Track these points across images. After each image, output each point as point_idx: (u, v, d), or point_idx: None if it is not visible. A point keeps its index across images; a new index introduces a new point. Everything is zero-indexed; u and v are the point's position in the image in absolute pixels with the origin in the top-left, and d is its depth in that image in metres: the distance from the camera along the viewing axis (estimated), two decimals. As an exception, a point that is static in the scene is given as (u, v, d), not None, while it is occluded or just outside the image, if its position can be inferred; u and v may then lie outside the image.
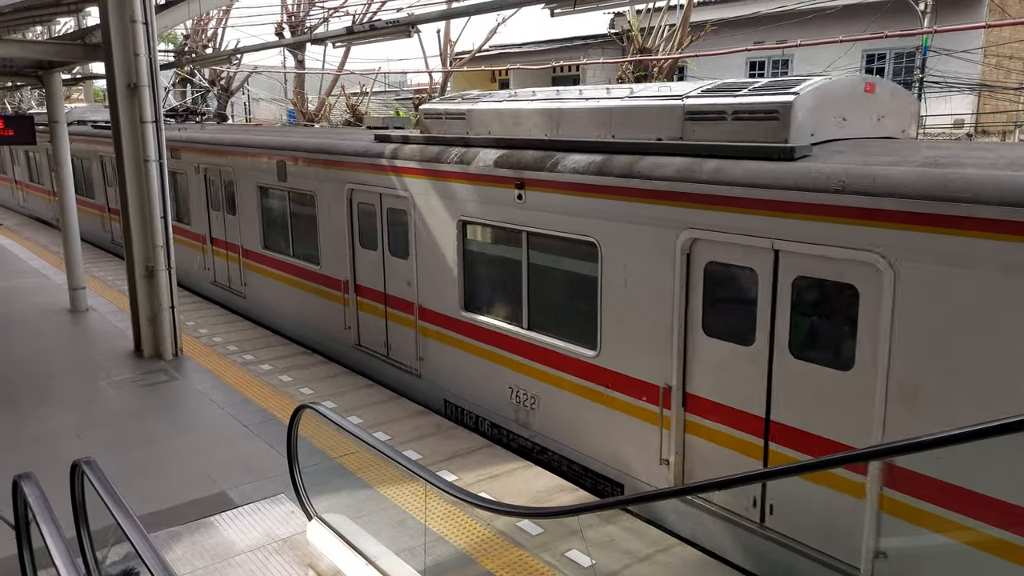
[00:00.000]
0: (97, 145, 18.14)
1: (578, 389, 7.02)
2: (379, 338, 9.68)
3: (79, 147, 18.73)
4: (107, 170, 18.54)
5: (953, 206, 4.46)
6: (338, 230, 9.95)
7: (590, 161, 6.67)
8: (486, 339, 7.99)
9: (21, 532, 4.70)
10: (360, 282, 9.79)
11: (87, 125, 20.00)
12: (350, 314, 10.03)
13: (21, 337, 11.43)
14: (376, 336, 9.74)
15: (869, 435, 4.95)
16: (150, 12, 9.54)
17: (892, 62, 21.60)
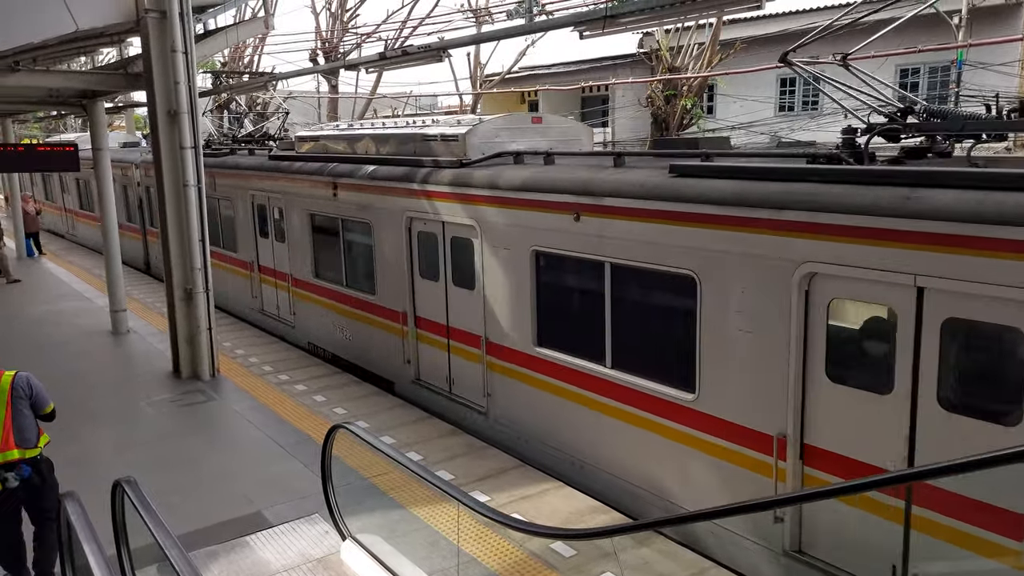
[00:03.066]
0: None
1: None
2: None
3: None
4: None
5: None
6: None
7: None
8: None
9: (64, 550, 4.81)
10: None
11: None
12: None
13: (64, 359, 11.72)
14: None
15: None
16: (190, 41, 9.83)
17: (927, 76, 21.32)
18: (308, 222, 11.56)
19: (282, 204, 12.10)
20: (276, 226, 12.54)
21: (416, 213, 9.11)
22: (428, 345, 9.41)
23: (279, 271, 12.72)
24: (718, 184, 5.90)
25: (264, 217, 12.84)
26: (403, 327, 9.67)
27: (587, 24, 7.20)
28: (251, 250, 13.41)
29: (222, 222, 14.30)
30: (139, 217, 18.82)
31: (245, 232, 13.63)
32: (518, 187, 7.68)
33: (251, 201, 13.09)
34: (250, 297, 13.93)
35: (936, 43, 17.18)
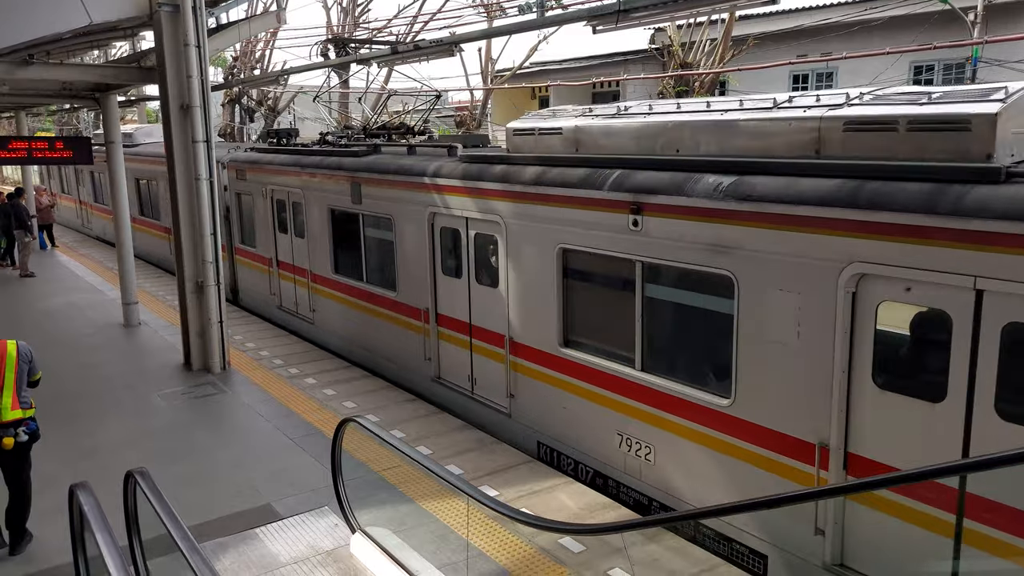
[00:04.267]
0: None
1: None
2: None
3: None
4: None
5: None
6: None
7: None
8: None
9: (76, 540, 4.84)
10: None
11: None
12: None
13: (77, 351, 11.80)
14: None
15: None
16: (202, 36, 9.86)
17: (941, 74, 21.15)
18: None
19: (528, 238, 7.78)
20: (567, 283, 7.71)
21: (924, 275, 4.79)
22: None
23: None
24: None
25: (518, 255, 7.99)
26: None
27: (600, 18, 7.18)
28: (502, 322, 8.24)
29: (404, 261, 9.78)
30: (224, 231, 14.73)
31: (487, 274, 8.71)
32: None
33: (462, 230, 8.70)
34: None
35: (951, 40, 17.03)
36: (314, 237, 11.75)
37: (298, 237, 12.25)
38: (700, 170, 6.11)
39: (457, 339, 9.03)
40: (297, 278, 12.51)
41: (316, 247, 11.73)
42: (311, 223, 11.74)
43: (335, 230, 11.26)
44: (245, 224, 14.39)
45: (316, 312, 12.10)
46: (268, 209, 13.01)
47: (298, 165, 11.88)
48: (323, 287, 11.78)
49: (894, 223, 4.78)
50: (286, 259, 12.78)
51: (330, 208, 11.13)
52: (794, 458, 5.48)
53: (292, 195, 12.17)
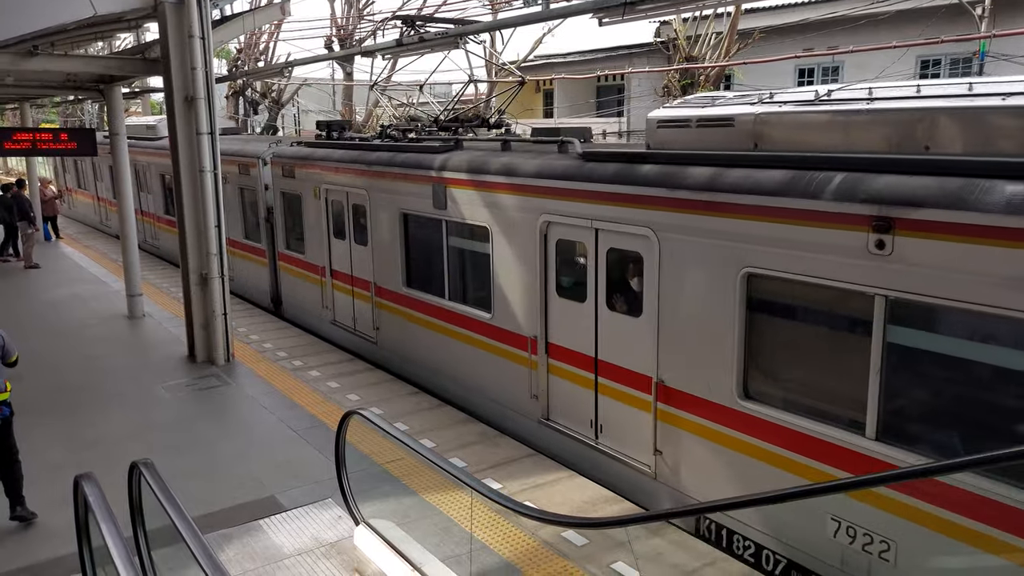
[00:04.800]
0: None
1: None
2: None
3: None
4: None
5: None
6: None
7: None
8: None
9: (81, 531, 4.85)
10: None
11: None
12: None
13: (81, 342, 11.83)
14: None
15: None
16: (207, 27, 9.84)
17: (948, 68, 21.04)
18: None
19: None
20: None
21: None
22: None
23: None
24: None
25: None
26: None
27: (606, 11, 7.14)
28: (646, 361, 6.81)
29: (502, 278, 8.28)
30: (267, 235, 13.63)
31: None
32: None
33: (589, 243, 7.19)
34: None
35: (958, 34, 16.93)
36: (380, 245, 10.23)
37: (359, 244, 10.77)
38: (988, 174, 4.50)
39: (576, 376, 7.44)
40: (357, 291, 11.02)
41: (383, 256, 10.22)
42: (377, 229, 10.24)
43: (408, 238, 9.80)
44: (291, 227, 12.85)
45: (380, 331, 10.61)
46: (322, 211, 11.50)
47: (361, 162, 10.39)
48: (391, 303, 10.26)
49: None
50: (342, 269, 11.32)
51: (402, 212, 9.66)
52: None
53: (353, 196, 10.67)
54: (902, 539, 4.94)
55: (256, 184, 13.53)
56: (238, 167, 14.00)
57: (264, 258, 13.90)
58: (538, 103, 32.01)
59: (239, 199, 14.40)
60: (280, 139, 14.60)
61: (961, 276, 4.52)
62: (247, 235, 14.48)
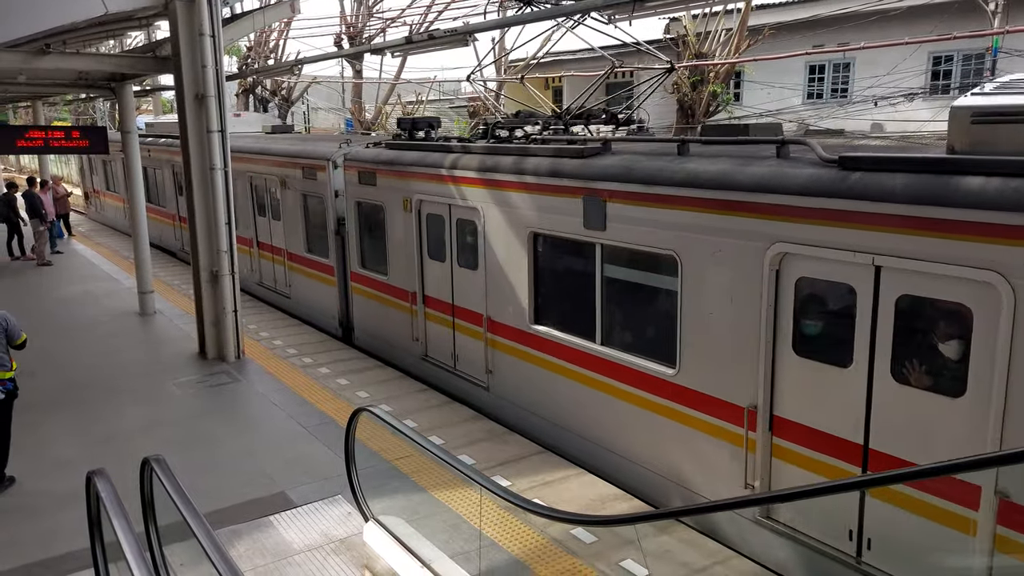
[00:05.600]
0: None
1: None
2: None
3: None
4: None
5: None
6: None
7: None
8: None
9: (93, 526, 4.89)
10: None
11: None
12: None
13: (93, 339, 11.91)
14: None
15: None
16: (217, 25, 9.88)
17: (960, 64, 20.88)
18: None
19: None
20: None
21: None
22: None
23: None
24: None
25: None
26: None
27: (616, 7, 7.12)
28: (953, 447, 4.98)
29: (696, 324, 6.40)
30: (336, 251, 11.87)
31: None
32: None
33: (864, 287, 5.26)
34: None
35: (970, 30, 16.79)
36: (497, 271, 8.44)
37: (465, 268, 8.98)
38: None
39: (824, 465, 5.48)
40: (461, 324, 9.21)
41: (500, 285, 8.43)
42: (493, 251, 8.43)
43: (539, 263, 8.01)
44: (369, 243, 11.07)
45: (495, 375, 8.76)
46: (413, 227, 9.66)
47: (471, 169, 8.57)
48: (511, 342, 8.43)
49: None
50: (440, 296, 9.51)
51: (532, 232, 7.86)
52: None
53: (458, 211, 8.90)
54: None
55: (324, 190, 11.80)
56: (302, 170, 12.31)
57: (331, 276, 12.09)
58: (548, 99, 31.94)
59: (301, 207, 12.63)
60: (350, 138, 13.06)
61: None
62: (310, 249, 12.66)
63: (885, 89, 19.49)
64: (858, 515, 5.23)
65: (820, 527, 5.47)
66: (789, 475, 5.71)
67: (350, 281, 11.59)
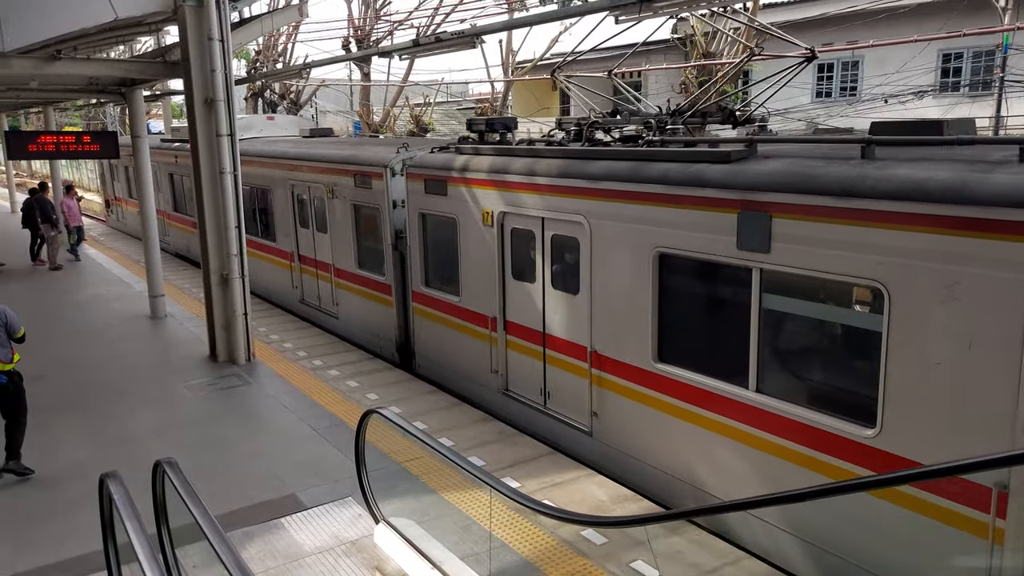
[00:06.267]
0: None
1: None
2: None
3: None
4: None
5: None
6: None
7: None
8: None
9: (106, 528, 4.92)
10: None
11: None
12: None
13: (105, 343, 11.99)
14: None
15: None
16: (226, 30, 9.93)
17: (970, 61, 20.75)
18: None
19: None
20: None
21: None
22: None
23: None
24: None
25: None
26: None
27: (622, 8, 7.12)
28: None
29: (908, 375, 5.04)
30: (395, 267, 10.65)
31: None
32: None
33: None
34: None
35: (981, 27, 16.69)
36: (608, 296, 7.17)
37: (564, 292, 7.74)
38: None
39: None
40: (554, 356, 7.99)
41: (612, 313, 7.16)
42: (603, 272, 7.19)
43: (668, 290, 6.69)
44: (435, 259, 9.92)
45: (602, 418, 7.46)
46: (494, 242, 8.48)
47: (575, 176, 7.37)
48: (626, 381, 7.10)
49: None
50: (527, 322, 8.30)
51: (659, 252, 6.57)
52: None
53: (554, 225, 7.74)
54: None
55: (380, 200, 10.59)
56: (354, 178, 11.10)
57: (388, 296, 10.83)
58: (554, 101, 31.96)
59: (352, 219, 11.41)
60: (407, 142, 11.61)
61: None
62: (361, 264, 11.47)
63: (894, 87, 19.40)
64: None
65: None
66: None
67: (411, 302, 10.34)
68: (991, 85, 19.33)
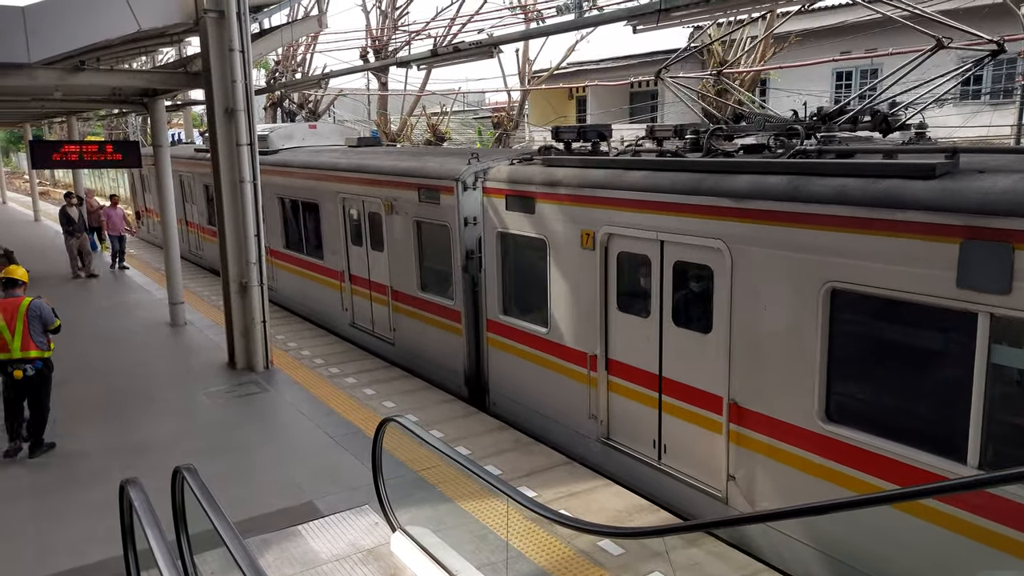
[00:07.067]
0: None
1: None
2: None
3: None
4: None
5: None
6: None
7: None
8: None
9: (127, 534, 4.97)
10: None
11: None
12: None
13: (125, 350, 12.11)
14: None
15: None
16: (246, 41, 10.04)
17: (991, 69, 20.54)
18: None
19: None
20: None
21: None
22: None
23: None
24: None
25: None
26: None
27: (640, 18, 7.13)
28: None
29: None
30: (465, 292, 9.63)
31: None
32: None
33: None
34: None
35: (1002, 34, 16.52)
36: (754, 338, 5.97)
37: (685, 329, 6.60)
38: None
39: None
40: (675, 404, 6.79)
41: (760, 358, 5.95)
42: (747, 308, 5.99)
43: (843, 334, 5.48)
44: (517, 285, 8.83)
45: (740, 483, 6.24)
46: (596, 268, 7.36)
47: (708, 193, 6.21)
48: (778, 442, 5.90)
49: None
50: (636, 362, 7.16)
51: (831, 288, 5.41)
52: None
53: (676, 249, 6.60)
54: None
55: (449, 217, 9.52)
56: (418, 192, 10.06)
57: (456, 323, 9.77)
58: (571, 110, 32.02)
59: (414, 237, 10.35)
60: (477, 153, 10.50)
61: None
62: (424, 287, 10.43)
63: (911, 95, 19.21)
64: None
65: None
66: None
67: (485, 331, 9.22)
68: (1012, 93, 19.11)
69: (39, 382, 7.95)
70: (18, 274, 8.31)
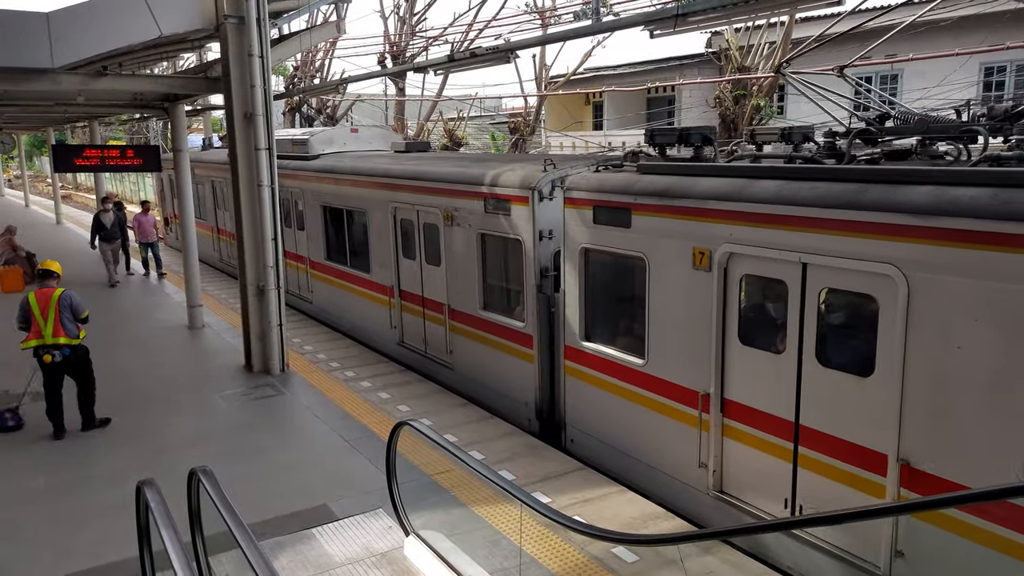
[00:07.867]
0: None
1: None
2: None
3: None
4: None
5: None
6: None
7: None
8: None
9: (142, 535, 5.00)
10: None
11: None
12: None
13: (143, 351, 12.22)
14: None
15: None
16: (265, 46, 10.13)
17: (1014, 75, 20.30)
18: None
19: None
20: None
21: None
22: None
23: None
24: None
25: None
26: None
27: (657, 23, 7.11)
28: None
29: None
30: (538, 314, 8.65)
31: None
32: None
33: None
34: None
35: (1025, 39, 16.33)
36: (939, 385, 4.91)
37: (836, 370, 5.54)
38: None
39: None
40: (816, 457, 5.73)
41: (946, 412, 4.88)
42: (932, 351, 4.93)
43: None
44: (605, 308, 7.98)
45: (910, 561, 5.13)
46: (712, 293, 6.36)
47: (877, 208, 5.16)
48: (971, 517, 4.80)
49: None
50: (762, 405, 6.11)
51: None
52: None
53: (823, 274, 5.54)
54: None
55: (521, 230, 8.62)
56: (484, 202, 9.17)
57: (527, 348, 8.80)
58: (588, 115, 32.01)
59: (478, 251, 9.42)
60: (549, 157, 9.62)
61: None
62: (488, 306, 9.49)
63: (935, 101, 19.04)
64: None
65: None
66: None
67: (563, 359, 8.26)
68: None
69: (76, 363, 8.56)
70: (53, 267, 8.93)
